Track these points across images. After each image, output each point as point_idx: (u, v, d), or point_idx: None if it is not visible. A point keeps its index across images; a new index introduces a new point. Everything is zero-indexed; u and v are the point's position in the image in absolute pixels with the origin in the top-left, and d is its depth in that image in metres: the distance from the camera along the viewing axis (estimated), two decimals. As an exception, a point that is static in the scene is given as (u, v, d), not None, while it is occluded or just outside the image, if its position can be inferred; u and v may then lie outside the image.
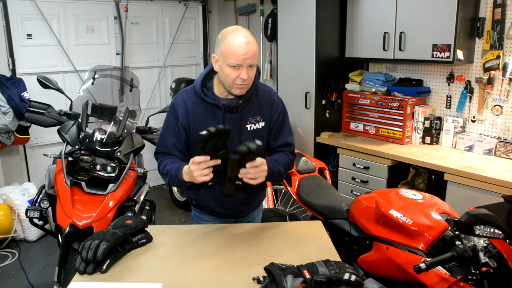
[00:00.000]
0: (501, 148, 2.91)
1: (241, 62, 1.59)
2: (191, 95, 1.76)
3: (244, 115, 1.76)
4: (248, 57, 1.60)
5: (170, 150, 1.77)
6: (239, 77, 1.62)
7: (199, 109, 1.74)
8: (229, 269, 1.49)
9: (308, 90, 3.68)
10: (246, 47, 1.58)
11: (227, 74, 1.63)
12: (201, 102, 1.74)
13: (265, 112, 1.81)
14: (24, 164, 4.18)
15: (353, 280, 1.30)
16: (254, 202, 1.97)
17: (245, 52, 1.58)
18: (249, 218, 2.01)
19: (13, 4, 3.84)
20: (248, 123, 1.77)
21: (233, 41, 1.59)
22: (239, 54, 1.58)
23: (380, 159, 3.18)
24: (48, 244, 3.67)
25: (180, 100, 1.77)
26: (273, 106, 1.82)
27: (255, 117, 1.79)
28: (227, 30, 1.64)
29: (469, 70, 3.13)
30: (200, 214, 1.96)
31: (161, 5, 4.81)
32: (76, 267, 1.47)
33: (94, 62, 3.95)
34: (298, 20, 3.67)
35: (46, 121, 2.69)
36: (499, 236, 1.42)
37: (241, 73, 1.62)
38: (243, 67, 1.61)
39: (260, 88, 1.82)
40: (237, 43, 1.58)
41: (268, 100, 1.82)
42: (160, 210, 4.39)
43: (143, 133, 2.87)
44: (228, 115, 1.74)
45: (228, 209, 1.90)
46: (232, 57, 1.59)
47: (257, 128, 1.79)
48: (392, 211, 1.78)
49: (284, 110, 1.88)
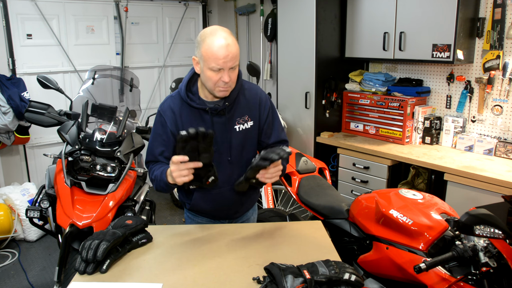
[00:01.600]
0: (501, 148, 2.91)
1: (222, 66, 1.57)
2: (177, 101, 1.74)
3: (232, 116, 1.75)
4: (229, 60, 1.56)
5: (158, 158, 1.75)
6: (221, 80, 1.60)
7: (186, 114, 1.72)
8: (229, 269, 1.49)
9: (308, 90, 3.68)
10: (226, 50, 1.55)
11: (208, 77, 1.61)
12: (188, 107, 1.72)
13: (253, 111, 1.79)
14: (24, 164, 4.18)
15: (353, 280, 1.30)
16: (247, 203, 1.95)
17: (225, 55, 1.55)
18: (244, 218, 1.99)
19: (13, 4, 3.84)
20: (237, 124, 1.76)
21: (212, 44, 1.55)
22: (219, 58, 1.55)
23: (380, 159, 3.18)
24: (48, 244, 3.67)
25: (166, 107, 1.74)
26: (261, 105, 1.81)
27: (243, 117, 1.77)
28: (205, 32, 1.61)
29: (469, 70, 3.13)
30: (194, 217, 1.95)
31: (161, 5, 4.81)
32: (76, 267, 1.47)
33: (94, 62, 3.95)
34: (298, 20, 3.67)
35: (46, 121, 2.69)
36: (499, 236, 1.42)
37: (222, 76, 1.59)
38: (225, 70, 1.58)
39: (246, 87, 1.80)
40: (217, 46, 1.55)
41: (255, 99, 1.80)
42: (160, 210, 4.39)
43: (143, 133, 2.86)
44: (216, 118, 1.72)
45: (222, 211, 1.88)
46: (213, 60, 1.56)
47: (246, 128, 1.78)
48: (392, 211, 1.78)
49: (272, 107, 1.87)
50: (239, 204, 1.90)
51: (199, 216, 1.93)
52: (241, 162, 1.80)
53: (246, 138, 1.80)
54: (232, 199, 1.85)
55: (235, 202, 1.87)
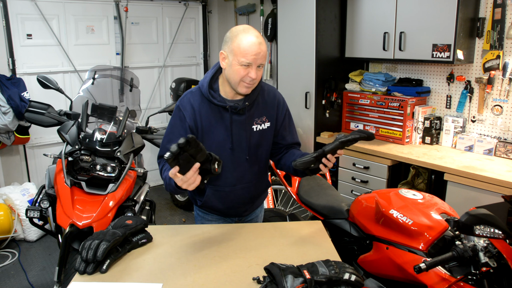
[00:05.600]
0: (501, 148, 2.91)
1: (251, 61, 1.61)
2: (197, 96, 1.75)
3: (251, 116, 1.78)
4: (260, 57, 1.61)
5: None
6: (248, 76, 1.63)
7: (205, 111, 1.74)
8: (229, 269, 1.49)
9: (308, 90, 3.68)
10: (258, 47, 1.60)
11: (236, 71, 1.63)
12: (208, 104, 1.74)
13: (270, 113, 1.83)
14: (24, 164, 4.18)
15: (353, 280, 1.30)
16: (257, 201, 1.99)
17: (257, 52, 1.60)
18: (252, 216, 2.03)
19: (13, 4, 3.84)
20: (255, 124, 1.79)
21: (245, 40, 1.60)
22: (251, 53, 1.59)
23: (380, 159, 3.18)
24: (48, 244, 3.67)
25: (186, 102, 1.75)
26: (279, 107, 1.85)
27: (261, 117, 1.81)
28: (238, 29, 1.65)
29: (469, 70, 3.13)
30: (204, 214, 1.97)
31: (161, 5, 4.81)
32: (76, 267, 1.47)
33: (94, 62, 3.96)
34: (298, 20, 3.67)
35: (46, 121, 2.69)
36: (499, 236, 1.42)
37: (250, 71, 1.63)
38: (253, 66, 1.62)
39: (265, 88, 1.84)
40: (250, 42, 1.60)
41: (273, 101, 1.84)
42: (160, 210, 4.39)
43: (143, 133, 2.86)
44: (235, 117, 1.75)
45: (233, 209, 1.91)
46: (244, 55, 1.60)
47: (263, 129, 1.82)
48: (392, 211, 1.78)
49: (288, 110, 1.92)
50: (250, 202, 1.93)
51: (210, 213, 1.95)
52: (256, 161, 1.84)
53: (262, 138, 1.83)
54: (244, 197, 1.88)
55: (247, 200, 1.90)
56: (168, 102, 4.92)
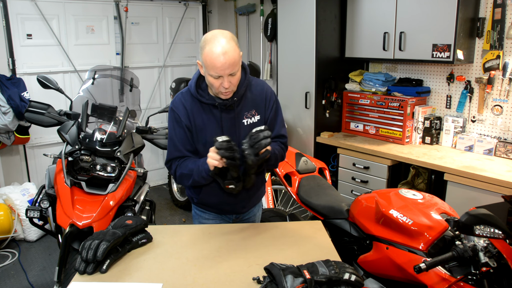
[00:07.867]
0: (501, 148, 2.91)
1: (220, 74, 1.61)
2: (188, 97, 1.79)
3: (240, 110, 1.80)
4: (226, 68, 1.59)
5: (185, 152, 1.80)
6: (222, 86, 1.65)
7: (197, 109, 1.78)
8: (229, 269, 1.49)
9: (308, 90, 3.68)
10: (223, 59, 1.57)
11: (211, 82, 1.66)
12: (198, 103, 1.78)
13: (259, 106, 1.85)
14: (24, 164, 4.18)
15: (353, 280, 1.30)
16: (254, 198, 2.00)
17: (222, 63, 1.58)
18: (250, 214, 2.04)
19: (13, 4, 3.83)
20: (244, 118, 1.81)
21: (210, 52, 1.58)
22: (217, 66, 1.59)
23: (380, 159, 3.18)
24: (48, 244, 3.67)
25: (178, 103, 1.79)
26: (266, 99, 1.86)
27: (250, 111, 1.83)
28: (206, 38, 1.63)
29: (469, 70, 3.13)
30: (201, 212, 1.98)
31: (161, 5, 4.81)
32: (76, 267, 1.47)
33: (94, 62, 3.95)
34: (298, 20, 3.67)
35: (46, 121, 2.69)
36: (499, 236, 1.42)
37: (223, 82, 1.63)
38: (224, 77, 1.62)
39: (253, 82, 1.86)
40: (215, 55, 1.58)
41: (262, 93, 1.86)
42: (160, 210, 4.39)
43: (143, 133, 2.86)
44: (225, 113, 1.77)
45: (229, 205, 1.92)
46: (211, 68, 1.60)
47: (253, 122, 1.83)
48: (392, 211, 1.78)
49: (277, 102, 1.92)
50: (246, 199, 1.94)
51: (207, 211, 1.96)
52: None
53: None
54: (239, 194, 1.87)
55: (242, 197, 1.91)
56: (168, 102, 4.92)
